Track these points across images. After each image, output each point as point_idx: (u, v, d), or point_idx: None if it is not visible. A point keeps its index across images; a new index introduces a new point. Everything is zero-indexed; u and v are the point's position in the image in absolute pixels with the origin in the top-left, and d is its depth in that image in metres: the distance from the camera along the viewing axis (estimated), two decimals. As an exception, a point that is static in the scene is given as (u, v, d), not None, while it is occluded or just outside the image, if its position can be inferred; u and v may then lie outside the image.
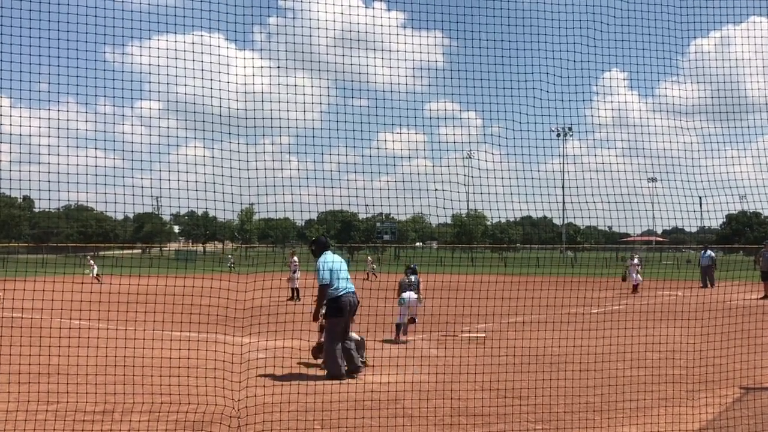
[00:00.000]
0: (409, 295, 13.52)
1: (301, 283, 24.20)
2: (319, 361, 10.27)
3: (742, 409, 7.87)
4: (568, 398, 8.33)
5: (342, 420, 7.35)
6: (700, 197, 9.80)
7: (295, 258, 25.25)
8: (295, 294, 24.26)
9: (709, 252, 30.77)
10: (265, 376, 9.28)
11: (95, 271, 35.16)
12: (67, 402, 7.90)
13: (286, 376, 9.43)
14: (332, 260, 10.15)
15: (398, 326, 13.43)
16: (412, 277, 14.00)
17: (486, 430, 7.10)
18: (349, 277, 10.18)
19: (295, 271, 24.74)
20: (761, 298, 23.29)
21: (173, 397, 7.99)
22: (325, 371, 9.84)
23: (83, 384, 8.40)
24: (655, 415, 7.65)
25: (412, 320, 13.66)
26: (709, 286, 28.49)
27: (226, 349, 9.19)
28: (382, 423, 7.21)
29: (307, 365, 10.45)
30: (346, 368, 9.77)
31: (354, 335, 10.30)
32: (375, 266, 39.91)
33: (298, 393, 8.12)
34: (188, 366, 8.85)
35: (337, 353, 9.74)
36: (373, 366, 10.31)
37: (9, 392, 7.89)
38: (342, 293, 9.91)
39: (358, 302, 10.22)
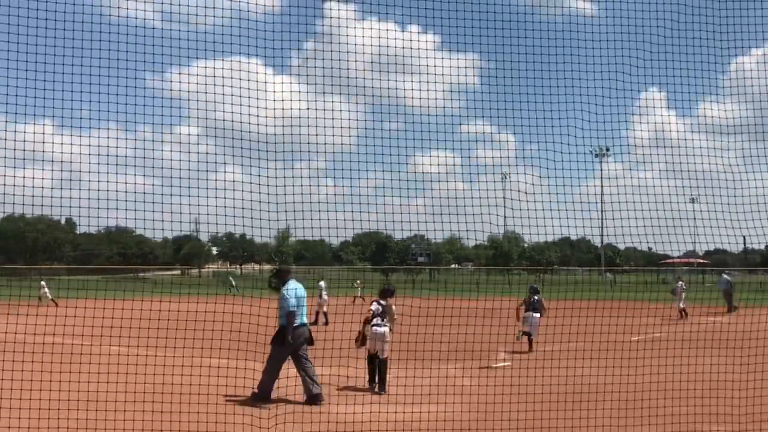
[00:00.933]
0: (531, 314, 16.20)
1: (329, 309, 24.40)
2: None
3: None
4: (607, 432, 8.09)
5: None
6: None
7: (322, 282, 25.53)
8: (322, 318, 24.39)
9: (724, 276, 31.38)
10: (297, 409, 9.23)
11: (48, 295, 33.09)
12: (105, 430, 7.95)
13: (316, 407, 9.37)
14: (295, 288, 10.54)
15: (529, 337, 16.09)
16: (535, 297, 16.44)
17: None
18: (305, 311, 10.60)
19: (320, 296, 24.96)
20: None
21: (208, 425, 7.98)
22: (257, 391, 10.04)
23: (121, 411, 8.45)
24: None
25: (528, 335, 16.11)
26: (732, 310, 28.38)
27: (254, 378, 9.17)
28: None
29: (338, 392, 10.37)
30: (313, 393, 9.96)
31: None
32: (362, 289, 40.14)
33: (328, 422, 8.03)
34: (224, 393, 8.85)
35: (274, 378, 10.08)
36: (403, 395, 10.19)
37: (48, 418, 7.96)
38: (295, 325, 10.26)
39: (308, 334, 10.55)
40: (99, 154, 8.86)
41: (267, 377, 10.14)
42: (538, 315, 16.31)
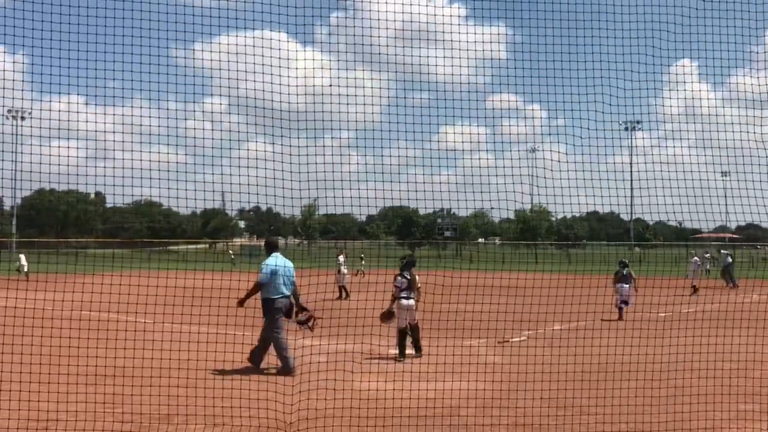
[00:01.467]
0: (622, 285, 19.21)
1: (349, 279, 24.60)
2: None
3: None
4: (632, 410, 8.01)
5: (397, 428, 7.26)
6: None
7: (341, 257, 25.63)
8: (344, 292, 24.46)
9: (723, 252, 34.29)
10: (321, 379, 9.28)
11: (25, 269, 33.39)
12: (132, 404, 8.07)
13: (340, 382, 9.40)
14: (275, 264, 10.69)
15: (620, 308, 18.89)
16: (624, 270, 19.51)
17: (545, 443, 6.89)
18: (289, 282, 10.73)
19: (339, 271, 25.00)
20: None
21: (234, 400, 8.05)
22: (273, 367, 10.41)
23: (147, 386, 8.57)
24: (728, 430, 7.29)
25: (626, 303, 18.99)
26: (731, 285, 30.16)
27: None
28: (438, 433, 7.10)
29: (362, 368, 10.41)
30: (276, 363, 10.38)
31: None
32: (364, 263, 40.59)
33: (352, 399, 8.05)
34: (248, 366, 8.91)
35: (281, 346, 10.37)
36: (427, 372, 10.20)
37: (77, 393, 8.09)
38: (276, 297, 10.55)
39: (292, 305, 10.76)
40: (127, 129, 8.92)
41: (278, 350, 10.47)
42: (627, 285, 19.29)
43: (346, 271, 25.22)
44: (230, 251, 62.85)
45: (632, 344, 10.73)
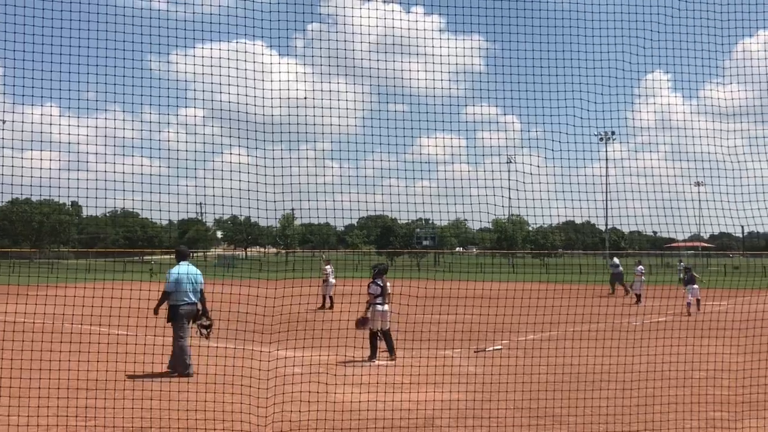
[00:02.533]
0: (691, 286, 22.43)
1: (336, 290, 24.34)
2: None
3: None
4: (604, 419, 8.10)
5: (372, 440, 7.27)
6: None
7: (328, 267, 25.36)
8: (327, 302, 24.27)
9: (615, 260, 33.48)
10: (296, 391, 9.26)
11: None
12: (105, 417, 7.98)
13: (316, 391, 9.39)
14: (178, 272, 11.03)
15: (689, 304, 21.90)
16: (688, 274, 23.07)
17: (519, 453, 6.93)
18: (196, 289, 11.05)
19: (326, 281, 24.82)
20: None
21: (207, 413, 8.00)
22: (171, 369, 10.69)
23: (120, 399, 8.48)
24: (696, 439, 7.39)
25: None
26: (624, 294, 29.58)
27: (260, 359, 9.19)
28: (412, 444, 7.11)
29: (337, 379, 10.41)
30: (184, 368, 10.61)
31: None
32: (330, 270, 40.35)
33: (326, 410, 8.05)
34: (224, 376, 8.87)
35: (184, 352, 10.71)
36: (409, 383, 10.23)
37: (48, 407, 7.99)
38: (181, 303, 10.87)
39: (198, 311, 11.05)
40: (103, 139, 8.87)
41: (176, 354, 10.77)
42: (696, 286, 22.72)
43: (333, 281, 25.00)
44: (152, 261, 62.55)
45: (606, 353, 10.85)
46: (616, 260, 33.42)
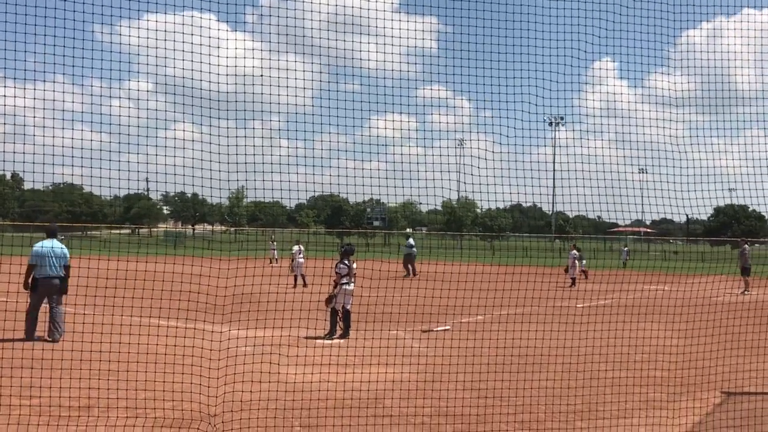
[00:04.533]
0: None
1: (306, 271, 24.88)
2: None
3: (722, 413, 7.91)
4: (549, 400, 8.35)
5: (322, 419, 7.34)
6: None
7: (297, 247, 25.97)
8: (298, 281, 24.69)
9: (410, 240, 32.18)
10: (247, 371, 9.25)
11: None
12: (50, 397, 7.83)
13: (267, 371, 9.40)
14: (42, 246, 12.00)
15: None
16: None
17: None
18: (55, 264, 12.00)
19: (293, 259, 25.39)
20: (741, 293, 23.94)
21: (156, 392, 7.93)
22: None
23: (67, 378, 8.33)
24: (636, 419, 7.68)
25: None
26: (411, 275, 28.89)
27: (212, 338, 9.13)
28: (361, 422, 7.20)
29: (289, 359, 10.43)
30: (55, 336, 11.78)
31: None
32: (276, 252, 40.79)
33: (277, 392, 8.08)
34: (174, 356, 8.79)
35: (30, 321, 11.89)
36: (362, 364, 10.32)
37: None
38: (39, 277, 11.94)
39: (57, 285, 12.04)
40: (46, 108, 8.59)
41: (26, 320, 11.90)
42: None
43: (302, 260, 25.39)
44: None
45: (551, 335, 11.15)
46: (411, 241, 32.52)
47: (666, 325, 14.08)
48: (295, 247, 26.11)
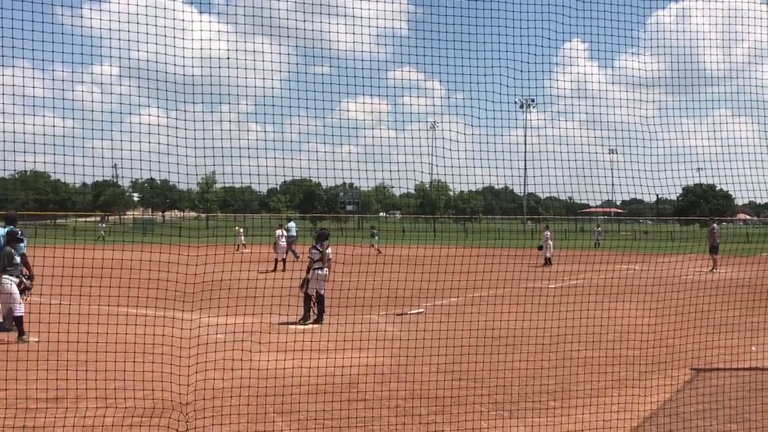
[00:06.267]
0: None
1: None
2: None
3: (692, 390, 8.02)
4: (523, 380, 8.40)
5: (295, 405, 7.28)
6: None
7: (280, 231, 26.12)
8: (280, 266, 24.85)
9: (291, 223, 31.01)
10: (219, 359, 9.16)
11: None
12: (16, 389, 7.66)
13: (240, 358, 9.31)
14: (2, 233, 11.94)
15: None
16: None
17: (440, 414, 7.11)
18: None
19: (276, 244, 25.94)
20: (710, 271, 24.35)
21: (127, 382, 7.81)
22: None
23: (33, 370, 8.16)
24: (608, 397, 7.76)
25: None
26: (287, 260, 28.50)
27: (182, 327, 9.01)
28: (336, 408, 7.17)
29: (261, 345, 10.35)
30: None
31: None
32: (243, 237, 40.91)
33: (250, 378, 8.00)
34: (144, 345, 8.66)
35: None
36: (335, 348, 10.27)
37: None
38: None
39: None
40: (10, 94, 8.34)
41: None
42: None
43: (284, 244, 25.65)
44: (102, 224, 61.17)
45: (524, 316, 11.21)
46: (291, 224, 31.23)
47: (637, 305, 14.25)
48: (278, 231, 26.25)
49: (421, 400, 7.56)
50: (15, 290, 11.30)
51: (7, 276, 11.32)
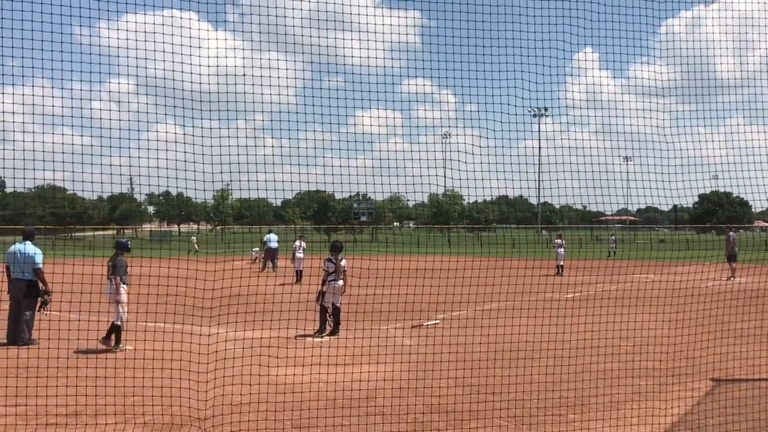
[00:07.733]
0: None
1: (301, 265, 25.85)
2: None
3: (713, 402, 7.94)
4: (541, 393, 8.34)
5: (313, 419, 7.28)
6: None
7: (298, 243, 26.32)
8: (298, 277, 25.27)
9: (271, 235, 30.47)
10: (236, 373, 9.17)
11: None
12: (36, 405, 7.71)
13: (257, 372, 9.33)
14: (13, 250, 12.04)
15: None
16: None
17: (459, 428, 7.07)
18: (23, 266, 11.97)
19: (293, 255, 26.17)
20: (727, 280, 24.13)
21: (145, 398, 7.83)
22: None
23: (53, 385, 8.21)
24: (627, 410, 7.69)
25: None
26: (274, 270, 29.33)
27: (200, 342, 9.05)
28: (353, 422, 7.15)
29: (279, 359, 10.36)
30: (24, 339, 11.74)
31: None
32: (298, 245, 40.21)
33: (268, 393, 8.01)
34: (162, 360, 8.70)
35: (10, 325, 11.84)
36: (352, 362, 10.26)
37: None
38: (13, 278, 12.02)
39: (23, 288, 11.89)
40: (28, 110, 8.47)
41: (8, 326, 11.89)
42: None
43: (302, 255, 25.88)
44: (193, 237, 61.02)
45: (541, 328, 11.14)
46: (272, 236, 30.82)
47: (655, 315, 14.13)
48: (296, 243, 26.43)
49: (439, 414, 7.53)
50: (126, 299, 11.69)
51: (123, 285, 11.61)
